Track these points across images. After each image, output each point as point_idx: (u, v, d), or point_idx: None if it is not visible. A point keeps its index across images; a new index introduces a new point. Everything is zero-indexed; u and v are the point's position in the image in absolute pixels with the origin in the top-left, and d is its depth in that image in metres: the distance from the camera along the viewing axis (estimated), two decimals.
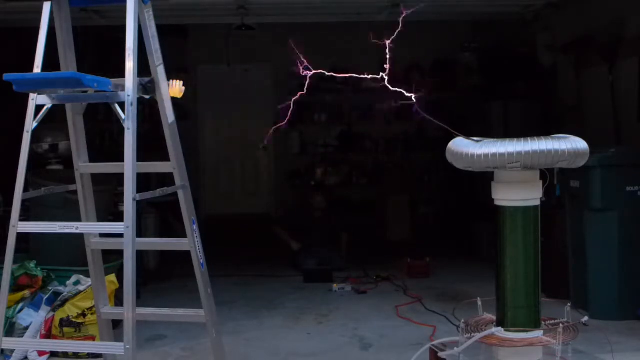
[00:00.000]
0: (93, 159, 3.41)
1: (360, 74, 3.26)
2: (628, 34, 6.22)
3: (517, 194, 3.26)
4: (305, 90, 3.17)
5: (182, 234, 3.35)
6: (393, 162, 10.01)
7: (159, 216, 7.27)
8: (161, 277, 6.67)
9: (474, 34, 9.33)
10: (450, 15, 7.72)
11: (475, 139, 3.24)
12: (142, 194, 2.95)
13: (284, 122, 3.47)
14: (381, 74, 3.12)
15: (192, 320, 3.53)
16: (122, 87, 2.97)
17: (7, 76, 2.96)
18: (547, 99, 7.98)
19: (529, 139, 3.11)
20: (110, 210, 5.53)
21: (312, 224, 7.65)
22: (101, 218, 3.82)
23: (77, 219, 3.36)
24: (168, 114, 3.27)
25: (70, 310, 4.51)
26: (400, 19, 2.98)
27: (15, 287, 4.61)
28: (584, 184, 5.19)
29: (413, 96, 3.17)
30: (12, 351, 4.28)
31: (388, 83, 3.12)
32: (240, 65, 10.07)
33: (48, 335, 4.48)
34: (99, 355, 4.11)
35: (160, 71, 3.24)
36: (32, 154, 3.13)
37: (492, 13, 7.50)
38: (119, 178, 3.23)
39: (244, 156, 10.50)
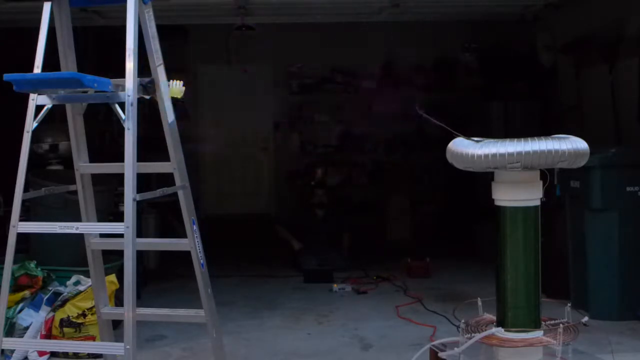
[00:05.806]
0: (93, 159, 3.40)
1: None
2: (628, 34, 6.21)
3: (517, 194, 3.26)
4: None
5: (182, 234, 3.35)
6: (393, 162, 10.01)
7: (159, 216, 7.27)
8: (161, 277, 6.67)
9: (474, 34, 9.33)
10: (450, 15, 7.71)
11: (475, 139, 3.24)
12: (142, 194, 2.95)
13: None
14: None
15: (192, 320, 3.52)
16: (122, 87, 2.97)
17: (7, 76, 2.96)
18: (547, 99, 7.98)
19: (529, 139, 3.11)
20: (110, 210, 5.53)
21: (312, 224, 7.64)
22: (101, 218, 3.81)
23: (77, 219, 3.36)
24: (168, 114, 3.27)
25: (70, 311, 4.51)
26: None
27: (16, 287, 4.61)
28: (584, 184, 5.19)
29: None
30: (12, 351, 4.27)
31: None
32: (240, 65, 10.06)
33: (48, 335, 4.48)
34: (99, 356, 4.11)
35: (160, 71, 3.24)
36: (32, 154, 3.12)
37: (492, 13, 7.49)
38: (119, 178, 3.23)
39: (244, 156, 10.49)
